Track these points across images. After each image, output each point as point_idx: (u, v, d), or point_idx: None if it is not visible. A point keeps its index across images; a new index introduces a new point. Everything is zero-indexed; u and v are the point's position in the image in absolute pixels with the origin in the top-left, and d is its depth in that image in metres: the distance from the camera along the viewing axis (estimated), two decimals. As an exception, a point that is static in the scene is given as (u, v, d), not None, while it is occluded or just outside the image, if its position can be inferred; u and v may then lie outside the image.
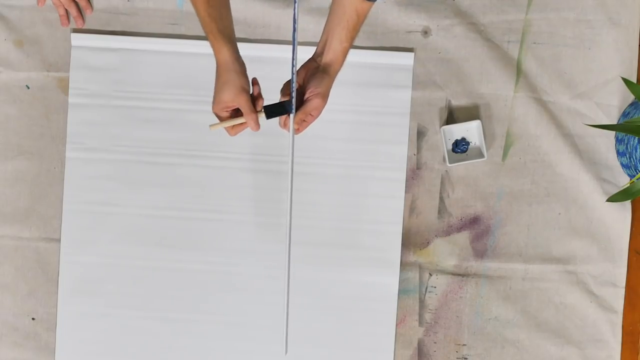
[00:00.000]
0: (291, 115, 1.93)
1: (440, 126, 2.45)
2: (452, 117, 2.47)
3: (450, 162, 2.43)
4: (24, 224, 2.45)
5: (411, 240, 2.46)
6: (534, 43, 2.46)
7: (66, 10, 2.42)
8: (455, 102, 2.46)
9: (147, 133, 2.44)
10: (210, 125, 1.94)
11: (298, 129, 1.96)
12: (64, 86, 2.45)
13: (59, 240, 2.44)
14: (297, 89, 1.94)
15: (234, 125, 1.94)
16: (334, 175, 2.44)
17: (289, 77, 1.94)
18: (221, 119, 1.97)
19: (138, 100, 2.44)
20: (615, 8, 2.45)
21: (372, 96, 2.43)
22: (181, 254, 2.43)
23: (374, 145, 2.44)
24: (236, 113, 1.95)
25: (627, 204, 2.46)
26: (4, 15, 2.45)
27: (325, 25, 1.97)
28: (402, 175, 2.44)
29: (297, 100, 1.94)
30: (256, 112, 1.93)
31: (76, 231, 2.43)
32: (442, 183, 2.46)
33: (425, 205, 2.46)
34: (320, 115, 1.98)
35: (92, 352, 2.44)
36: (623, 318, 2.47)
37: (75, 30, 2.44)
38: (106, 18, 2.45)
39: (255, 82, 1.96)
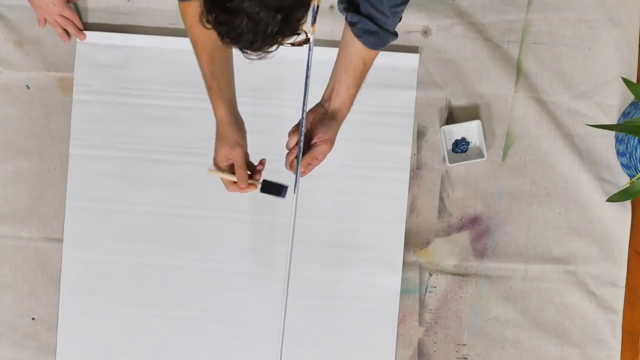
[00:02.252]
0: (299, 153, 1.98)
1: (440, 126, 2.45)
2: (452, 117, 2.47)
3: (450, 162, 2.43)
4: (24, 224, 2.44)
5: (411, 240, 2.46)
6: (534, 43, 2.46)
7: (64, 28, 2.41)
8: (455, 102, 2.46)
9: (150, 130, 2.43)
10: (209, 170, 1.98)
11: (304, 172, 2.01)
12: (64, 86, 2.44)
13: (59, 240, 2.44)
14: (304, 133, 1.99)
15: (231, 183, 2.00)
16: (337, 174, 2.43)
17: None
18: (221, 170, 2.02)
19: (142, 98, 2.44)
20: (615, 8, 2.46)
21: (376, 96, 2.43)
22: (182, 251, 2.43)
23: (377, 146, 2.43)
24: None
25: (627, 204, 2.46)
26: (4, 15, 2.44)
27: (333, 72, 2.01)
28: (406, 176, 2.44)
29: (304, 144, 1.99)
30: (246, 169, 1.98)
31: (79, 228, 2.42)
32: (442, 183, 2.46)
33: (425, 205, 2.46)
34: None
35: (93, 349, 2.43)
36: (623, 318, 2.47)
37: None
38: (107, 18, 2.45)
39: (262, 162, 2.03)
